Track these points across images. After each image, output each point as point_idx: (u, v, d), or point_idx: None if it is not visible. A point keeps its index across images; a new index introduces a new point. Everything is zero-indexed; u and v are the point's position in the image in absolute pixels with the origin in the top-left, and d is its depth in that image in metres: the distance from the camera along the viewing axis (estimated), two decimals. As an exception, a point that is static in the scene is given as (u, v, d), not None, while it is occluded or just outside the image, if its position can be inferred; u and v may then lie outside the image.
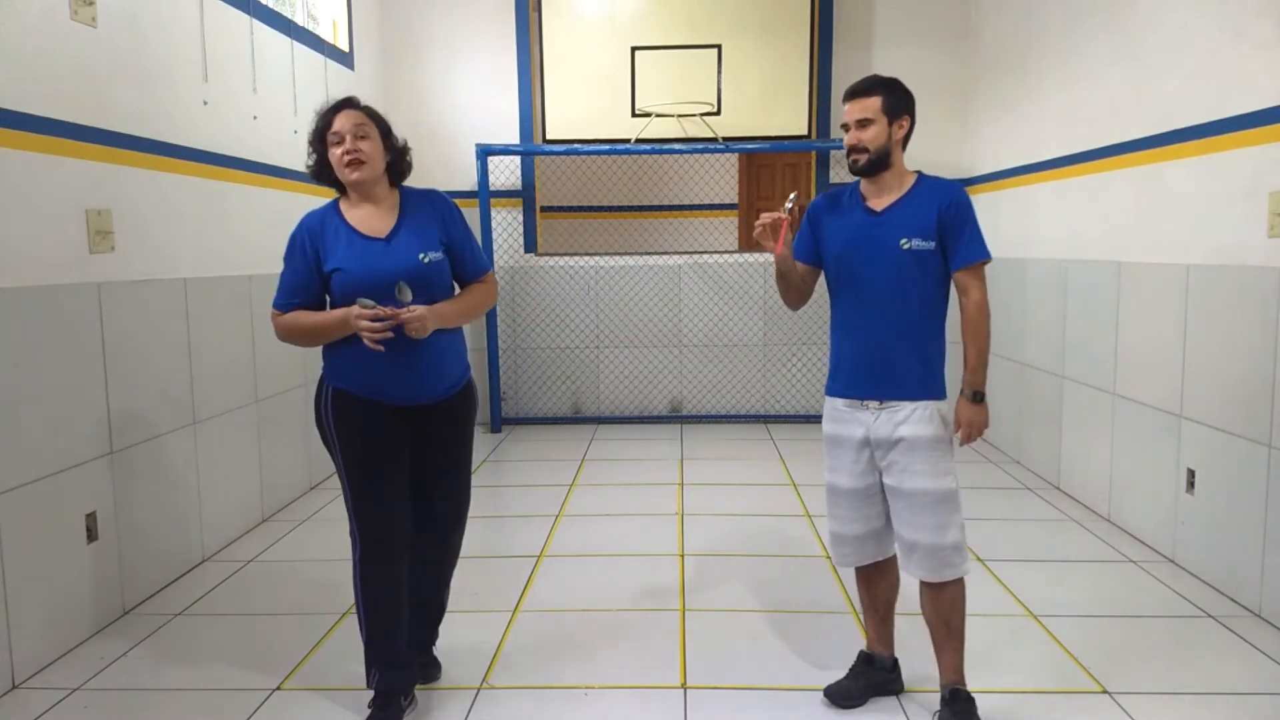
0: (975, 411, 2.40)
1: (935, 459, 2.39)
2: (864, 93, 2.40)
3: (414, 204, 2.52)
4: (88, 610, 3.09)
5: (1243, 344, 3.25)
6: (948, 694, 2.45)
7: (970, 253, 2.38)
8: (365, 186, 2.44)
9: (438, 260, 2.45)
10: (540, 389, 6.62)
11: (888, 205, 2.43)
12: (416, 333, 2.34)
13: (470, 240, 2.59)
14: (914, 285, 2.39)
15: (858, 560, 2.58)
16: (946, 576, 2.41)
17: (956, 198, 2.40)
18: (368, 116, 2.44)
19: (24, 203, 2.83)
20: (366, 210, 2.46)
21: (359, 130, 2.39)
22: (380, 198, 2.48)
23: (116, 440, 3.24)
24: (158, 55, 3.56)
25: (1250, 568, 3.22)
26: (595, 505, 4.58)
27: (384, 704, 2.47)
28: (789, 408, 6.56)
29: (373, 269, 2.39)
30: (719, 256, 6.56)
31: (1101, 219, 4.32)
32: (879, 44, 6.28)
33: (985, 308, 2.40)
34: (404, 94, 6.36)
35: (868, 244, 2.42)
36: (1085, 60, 4.47)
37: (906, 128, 2.43)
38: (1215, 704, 2.60)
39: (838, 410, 2.53)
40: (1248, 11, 3.25)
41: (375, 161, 2.42)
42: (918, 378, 2.41)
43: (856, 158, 2.42)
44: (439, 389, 2.49)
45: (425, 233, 2.46)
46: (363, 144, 2.39)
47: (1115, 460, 4.17)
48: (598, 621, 3.18)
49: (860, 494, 2.51)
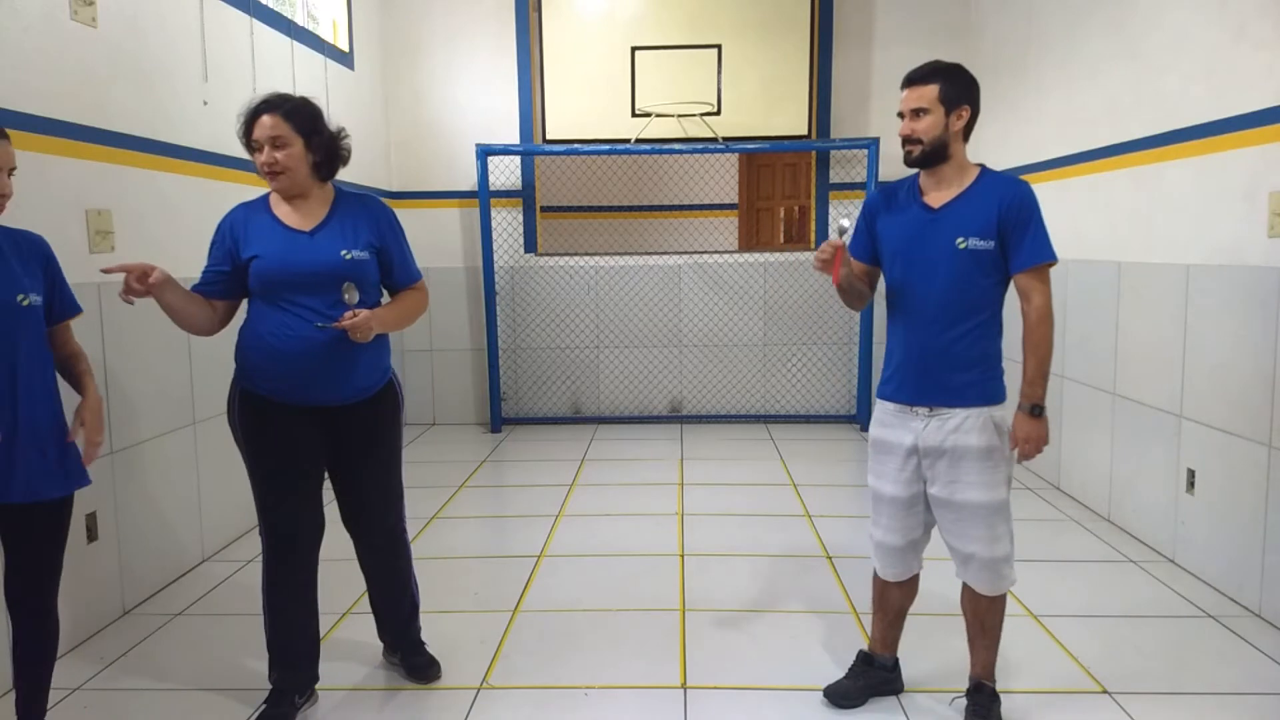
0: (1034, 426, 2.25)
1: (988, 469, 2.28)
2: (920, 80, 2.27)
3: (347, 205, 2.51)
4: (88, 610, 3.09)
5: (1243, 344, 3.25)
6: (973, 685, 2.45)
7: (1033, 254, 2.23)
8: (288, 191, 2.43)
9: (362, 259, 2.43)
10: (540, 389, 6.62)
11: (945, 202, 2.30)
12: (361, 337, 2.33)
13: (403, 248, 2.59)
14: (970, 287, 2.26)
15: (899, 574, 2.49)
16: (999, 590, 2.37)
17: (1020, 195, 2.25)
18: (285, 119, 2.37)
19: (24, 202, 2.82)
20: (295, 205, 2.45)
21: (275, 141, 2.35)
22: (309, 194, 2.46)
23: (116, 440, 3.24)
24: (158, 55, 3.56)
25: (1250, 568, 3.22)
26: (595, 505, 4.58)
27: (276, 701, 2.51)
28: (789, 408, 6.56)
29: (292, 260, 2.37)
30: (719, 256, 6.56)
31: (1101, 219, 4.32)
32: (879, 44, 6.29)
33: (1048, 314, 2.24)
34: (404, 94, 6.36)
35: (923, 243, 2.30)
36: (1086, 60, 4.47)
37: (966, 117, 2.28)
38: (1215, 704, 2.60)
39: (887, 414, 2.42)
40: (1248, 11, 3.25)
41: (295, 169, 2.39)
42: (972, 384, 2.29)
43: (910, 149, 2.29)
44: (347, 393, 2.47)
45: (353, 232, 2.45)
46: (279, 154, 2.35)
47: (1115, 460, 4.17)
48: (598, 621, 3.18)
49: (904, 503, 2.40)
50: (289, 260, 2.38)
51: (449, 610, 3.29)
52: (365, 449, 2.57)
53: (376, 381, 2.54)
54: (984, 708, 2.42)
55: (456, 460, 5.56)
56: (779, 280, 6.44)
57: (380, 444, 2.60)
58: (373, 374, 2.52)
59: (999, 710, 2.44)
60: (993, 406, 2.30)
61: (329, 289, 2.38)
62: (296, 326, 2.37)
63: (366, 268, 2.45)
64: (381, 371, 2.56)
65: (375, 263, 2.49)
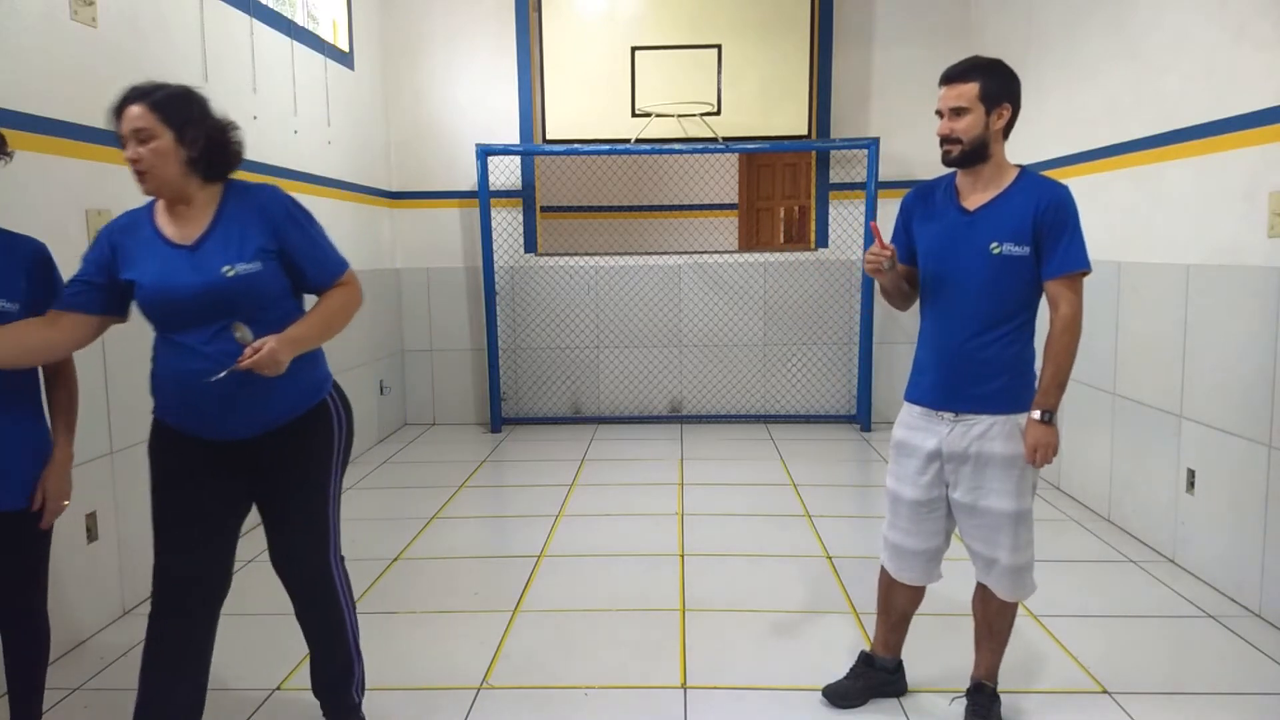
0: (1045, 433, 2.22)
1: (1014, 476, 2.25)
2: (959, 78, 2.21)
3: (235, 205, 2.11)
4: (88, 610, 3.09)
5: (1243, 344, 3.25)
6: (973, 685, 2.46)
7: (1066, 262, 2.19)
8: (160, 194, 2.07)
9: (248, 273, 2.03)
10: (540, 389, 6.62)
11: (981, 204, 2.26)
12: (272, 371, 1.97)
13: (313, 242, 2.16)
14: (1003, 292, 2.23)
15: (918, 579, 2.46)
16: (1020, 597, 2.36)
17: (1058, 199, 2.20)
18: (153, 110, 2.00)
19: (24, 202, 2.82)
20: (177, 213, 2.09)
21: (140, 135, 2.00)
22: (191, 199, 2.08)
23: (116, 440, 3.24)
24: (158, 55, 3.56)
25: (1250, 568, 3.22)
26: (595, 505, 4.58)
27: None
28: (789, 408, 6.56)
29: (170, 282, 2.02)
30: (719, 256, 6.56)
31: (1101, 219, 4.31)
32: (879, 44, 6.28)
33: (1075, 325, 2.21)
34: (404, 94, 6.36)
35: (957, 246, 2.26)
36: (1086, 60, 4.47)
37: (1007, 116, 2.23)
38: (1215, 704, 2.60)
39: (912, 417, 2.38)
40: (1248, 11, 3.25)
41: (163, 166, 2.01)
42: (1000, 390, 2.25)
43: (949, 149, 2.24)
44: (264, 423, 2.11)
45: (239, 240, 2.06)
46: (143, 149, 2.00)
47: (1115, 460, 4.17)
48: (598, 621, 3.18)
49: (923, 506, 2.37)
50: (167, 284, 2.02)
51: (449, 610, 3.29)
52: (288, 479, 2.20)
53: (303, 403, 2.17)
54: (984, 708, 2.43)
55: (456, 460, 5.57)
56: (779, 280, 6.44)
57: (306, 473, 2.20)
58: (294, 396, 2.15)
59: (999, 710, 2.45)
60: (1020, 414, 2.26)
61: (215, 316, 2.02)
62: (189, 361, 2.02)
63: (258, 281, 2.05)
64: (309, 391, 2.18)
65: (275, 269, 2.10)
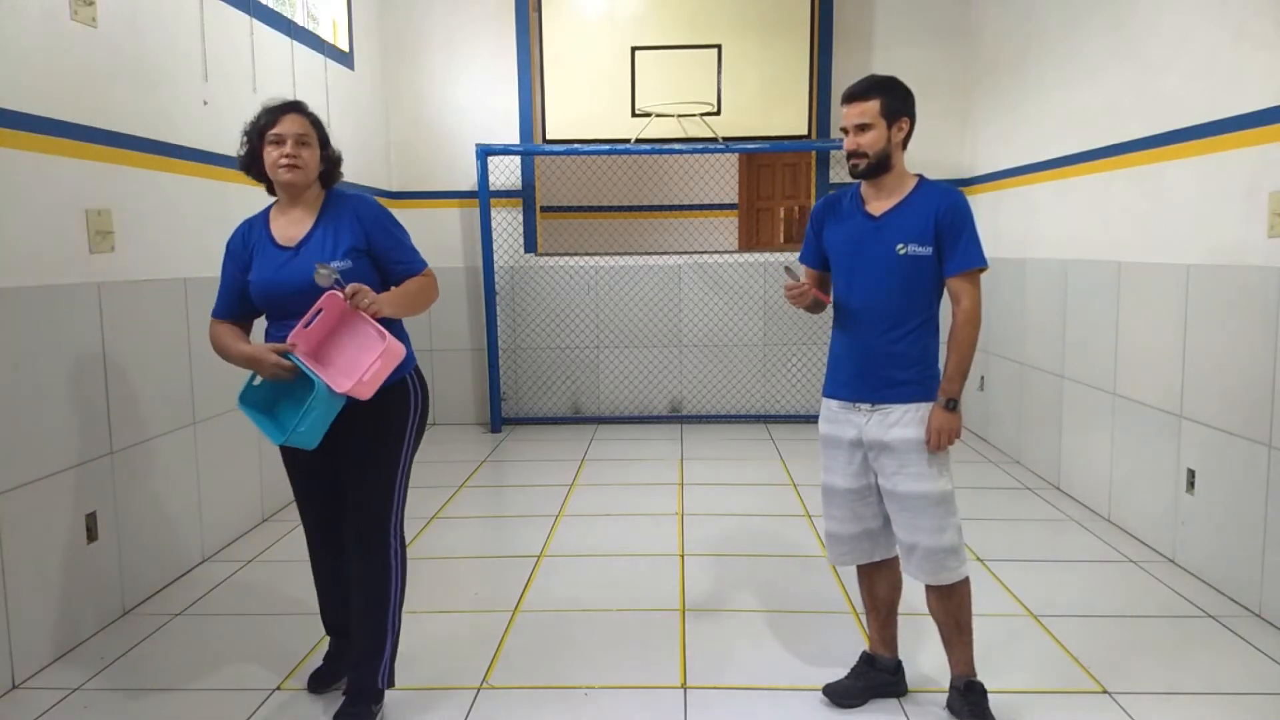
0: (947, 419, 2.37)
1: (929, 461, 2.39)
2: (861, 95, 2.39)
3: (333, 209, 2.48)
4: (88, 610, 3.09)
5: (1243, 344, 3.25)
6: (962, 685, 2.47)
7: (965, 260, 2.37)
8: (295, 190, 2.45)
9: (340, 269, 2.34)
10: (540, 389, 6.62)
11: (886, 210, 2.43)
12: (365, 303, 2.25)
13: (398, 243, 2.51)
14: (910, 290, 2.39)
15: (853, 559, 2.59)
16: (944, 580, 2.43)
17: (954, 203, 2.39)
18: (311, 125, 2.45)
19: (24, 202, 2.83)
20: (290, 217, 2.47)
21: (302, 138, 2.41)
22: (306, 201, 2.48)
23: (116, 440, 3.24)
24: (158, 55, 3.56)
25: (1250, 568, 3.22)
26: (595, 505, 4.58)
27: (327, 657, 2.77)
28: (789, 408, 6.56)
29: (275, 279, 2.40)
30: (719, 256, 6.56)
31: (1101, 219, 4.32)
32: (879, 44, 6.29)
33: (975, 317, 2.38)
34: (404, 94, 6.37)
35: (866, 249, 2.43)
36: (1085, 60, 4.47)
37: (906, 129, 2.42)
38: (1215, 704, 2.60)
39: (832, 411, 2.55)
40: (1248, 11, 3.25)
41: (310, 170, 2.43)
42: (911, 380, 2.41)
43: (856, 162, 2.42)
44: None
45: (334, 241, 2.41)
46: (303, 151, 2.41)
47: (1115, 460, 4.17)
48: (598, 621, 3.18)
49: (854, 494, 2.52)
50: (272, 280, 2.41)
51: (449, 610, 3.30)
52: (364, 449, 2.47)
53: (388, 379, 2.40)
54: (980, 706, 2.45)
55: (456, 460, 5.56)
56: (779, 280, 6.43)
57: (382, 444, 2.47)
58: None
59: (988, 703, 2.47)
60: (930, 402, 2.42)
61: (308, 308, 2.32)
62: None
63: (350, 276, 2.35)
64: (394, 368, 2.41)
65: (365, 266, 2.43)
